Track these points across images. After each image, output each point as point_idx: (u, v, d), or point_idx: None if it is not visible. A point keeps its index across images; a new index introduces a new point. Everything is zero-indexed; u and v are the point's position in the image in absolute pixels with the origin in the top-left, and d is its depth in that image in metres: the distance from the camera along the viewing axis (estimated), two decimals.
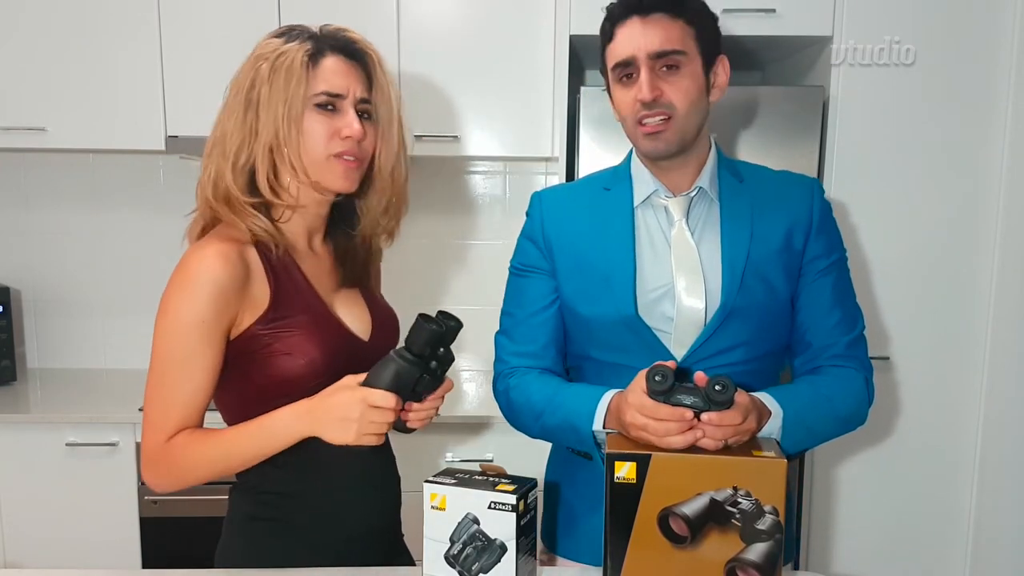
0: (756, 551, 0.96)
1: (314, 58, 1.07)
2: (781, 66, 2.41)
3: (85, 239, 2.57)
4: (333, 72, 1.08)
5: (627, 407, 1.03)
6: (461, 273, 2.57)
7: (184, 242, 1.16)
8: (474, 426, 2.11)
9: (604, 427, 1.11)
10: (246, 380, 1.08)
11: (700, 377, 1.01)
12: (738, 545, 0.96)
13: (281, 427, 1.03)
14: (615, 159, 1.34)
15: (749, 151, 2.02)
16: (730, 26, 2.02)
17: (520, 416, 1.26)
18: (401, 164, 1.16)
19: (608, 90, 1.25)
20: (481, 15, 2.19)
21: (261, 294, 1.07)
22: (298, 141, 1.06)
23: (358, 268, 1.21)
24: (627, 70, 1.17)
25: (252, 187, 1.08)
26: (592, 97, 2.02)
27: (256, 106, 1.06)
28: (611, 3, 1.20)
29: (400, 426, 1.09)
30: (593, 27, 2.15)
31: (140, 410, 2.06)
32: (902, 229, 2.06)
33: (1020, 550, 2.12)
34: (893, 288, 2.08)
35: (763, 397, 1.10)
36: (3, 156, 2.51)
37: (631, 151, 1.29)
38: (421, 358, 1.04)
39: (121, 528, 2.11)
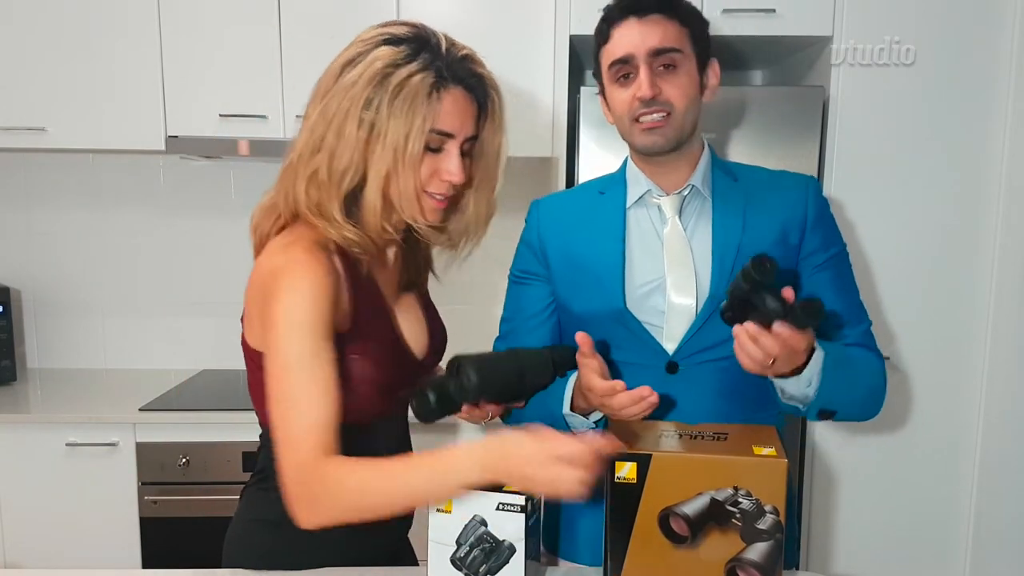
0: (757, 551, 0.96)
1: (438, 89, 0.98)
2: (781, 66, 2.41)
3: (85, 239, 2.57)
4: (452, 108, 1.00)
5: (596, 403, 1.08)
6: (459, 273, 2.56)
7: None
8: (475, 427, 2.11)
9: (572, 409, 1.15)
10: None
11: (788, 294, 0.99)
12: (738, 545, 0.96)
13: (466, 471, 0.91)
14: (615, 159, 1.35)
15: (749, 151, 2.02)
16: (730, 26, 2.02)
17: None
18: (491, 204, 1.13)
19: (602, 92, 1.26)
20: (481, 15, 2.19)
21: (344, 303, 1.03)
22: (413, 180, 1.00)
23: (421, 273, 1.21)
24: (625, 68, 1.18)
25: (350, 206, 1.03)
26: (592, 97, 2.02)
27: (370, 129, 0.98)
28: (607, 5, 1.22)
29: (425, 411, 1.08)
30: (593, 27, 2.15)
31: (140, 410, 2.09)
32: (902, 229, 2.06)
33: (1020, 550, 2.12)
34: (893, 288, 2.08)
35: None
36: (3, 156, 2.51)
37: (627, 158, 1.31)
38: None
39: (121, 528, 2.11)
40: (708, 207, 1.23)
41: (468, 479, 0.91)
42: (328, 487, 0.93)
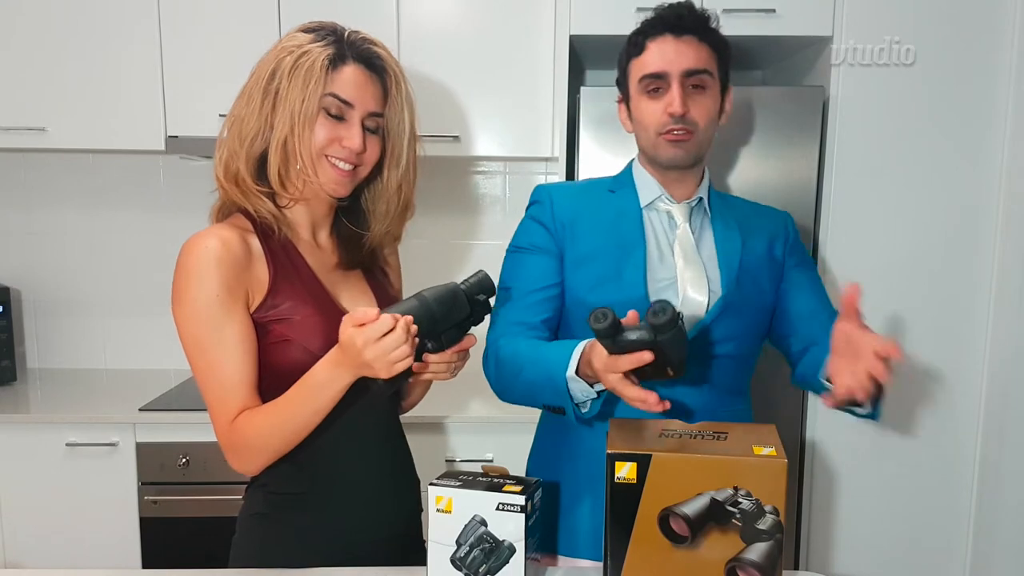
0: (757, 551, 0.96)
1: (335, 63, 1.09)
2: (781, 66, 2.41)
3: (85, 239, 2.57)
4: (349, 81, 1.09)
5: (596, 367, 1.04)
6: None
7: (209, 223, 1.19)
8: (474, 427, 2.11)
9: (577, 373, 1.12)
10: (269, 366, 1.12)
11: (633, 315, 1.00)
12: (738, 545, 0.96)
13: (325, 378, 1.03)
14: (615, 159, 1.36)
15: (749, 151, 2.02)
16: (730, 26, 2.01)
17: (504, 371, 1.25)
18: (409, 179, 1.20)
19: (625, 100, 1.32)
20: (481, 15, 2.19)
21: (262, 277, 1.10)
22: (309, 140, 1.08)
23: (362, 253, 1.23)
24: (656, 83, 1.24)
25: (261, 173, 1.12)
26: (592, 97, 2.02)
27: (274, 98, 1.08)
28: (646, 19, 1.27)
29: (397, 383, 1.06)
30: (593, 27, 2.15)
31: (140, 410, 2.09)
32: (902, 229, 2.06)
33: (1020, 550, 2.12)
34: (893, 288, 2.08)
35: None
36: (3, 156, 2.51)
37: (631, 161, 1.37)
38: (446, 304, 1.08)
39: (121, 528, 2.11)
40: (708, 221, 1.32)
41: (333, 382, 1.02)
42: (242, 439, 1.07)
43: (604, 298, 1.24)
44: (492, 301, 1.17)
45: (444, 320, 1.08)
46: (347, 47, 1.10)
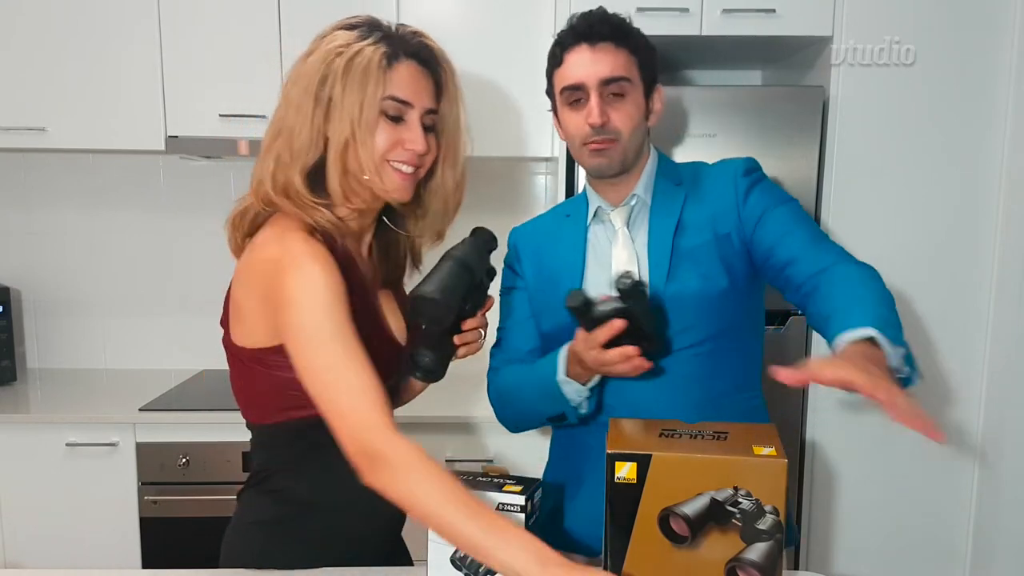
0: (757, 551, 0.96)
1: (390, 60, 1.02)
2: (781, 66, 2.41)
3: (85, 239, 2.57)
4: (406, 79, 1.03)
5: (579, 350, 1.13)
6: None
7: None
8: (474, 427, 2.11)
9: (568, 375, 1.19)
10: (282, 376, 1.04)
11: (605, 296, 1.10)
12: (739, 545, 0.96)
13: (512, 556, 0.83)
14: None
15: (749, 151, 2.01)
16: (730, 26, 2.02)
17: (503, 400, 1.35)
18: (464, 175, 1.15)
19: (554, 111, 1.34)
20: (481, 15, 2.19)
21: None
22: (372, 147, 1.02)
23: (397, 269, 1.21)
24: (576, 94, 1.25)
25: (314, 184, 1.05)
26: None
27: (327, 105, 1.02)
28: (561, 30, 1.29)
29: (435, 366, 1.12)
30: None
31: (140, 410, 2.09)
32: (902, 229, 2.06)
33: (1020, 550, 2.12)
34: (892, 288, 2.06)
35: (846, 337, 1.03)
36: (3, 156, 2.51)
37: (587, 178, 1.37)
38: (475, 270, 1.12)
39: (121, 528, 2.11)
40: (648, 215, 1.30)
41: (515, 561, 0.83)
42: (396, 466, 0.90)
43: (547, 324, 1.32)
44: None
45: (476, 281, 1.13)
46: (399, 43, 1.04)
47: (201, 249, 2.52)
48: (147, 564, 2.12)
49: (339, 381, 0.94)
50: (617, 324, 1.07)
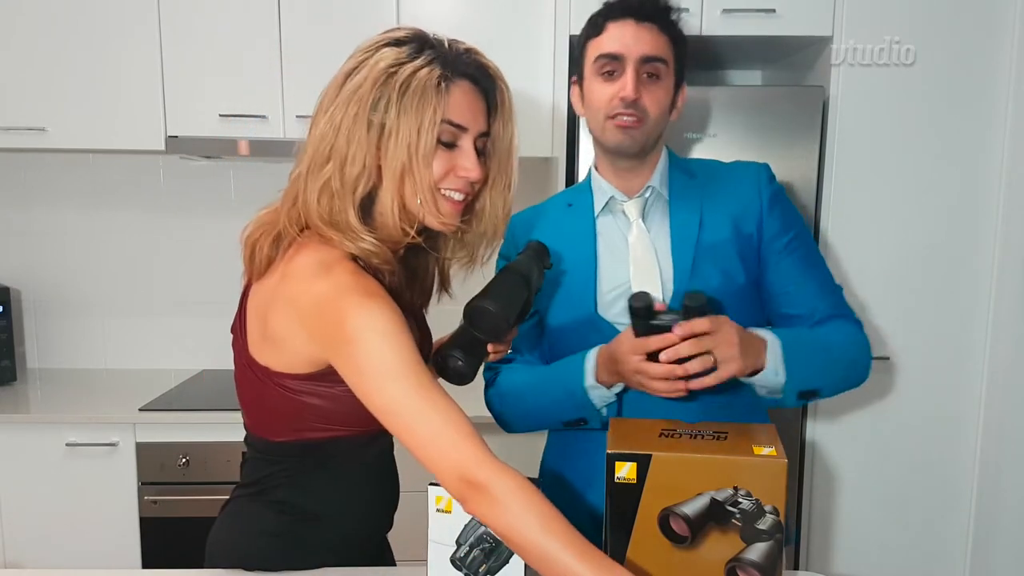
0: (757, 551, 0.96)
1: (446, 82, 0.96)
2: (781, 66, 2.41)
3: (85, 239, 2.57)
4: (462, 103, 0.97)
5: (621, 352, 1.10)
6: (458, 273, 2.56)
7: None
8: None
9: (597, 381, 1.17)
10: (304, 402, 1.02)
11: (659, 308, 1.08)
12: (738, 545, 0.96)
13: None
14: None
15: (749, 151, 2.02)
16: (730, 26, 2.02)
17: (507, 402, 1.30)
18: (511, 199, 1.09)
19: (578, 82, 1.29)
20: (481, 15, 2.19)
21: None
22: (428, 176, 0.96)
23: (424, 294, 1.17)
24: (611, 65, 1.21)
25: (365, 214, 1.00)
26: None
27: (379, 131, 0.95)
28: (608, 1, 1.24)
29: (467, 370, 1.10)
30: None
31: (140, 410, 2.09)
32: (902, 228, 2.06)
33: (1020, 550, 2.12)
34: (893, 288, 2.08)
35: (752, 329, 1.14)
36: (3, 156, 2.51)
37: (591, 168, 1.34)
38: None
39: (121, 528, 2.11)
40: (666, 207, 1.27)
41: None
42: (500, 499, 0.87)
43: (560, 321, 1.28)
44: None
45: (531, 297, 1.13)
46: (452, 62, 0.98)
47: (201, 249, 2.52)
48: (147, 564, 2.12)
49: (429, 421, 0.90)
50: (671, 338, 1.04)
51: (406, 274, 1.12)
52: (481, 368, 1.16)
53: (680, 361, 1.05)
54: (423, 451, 0.90)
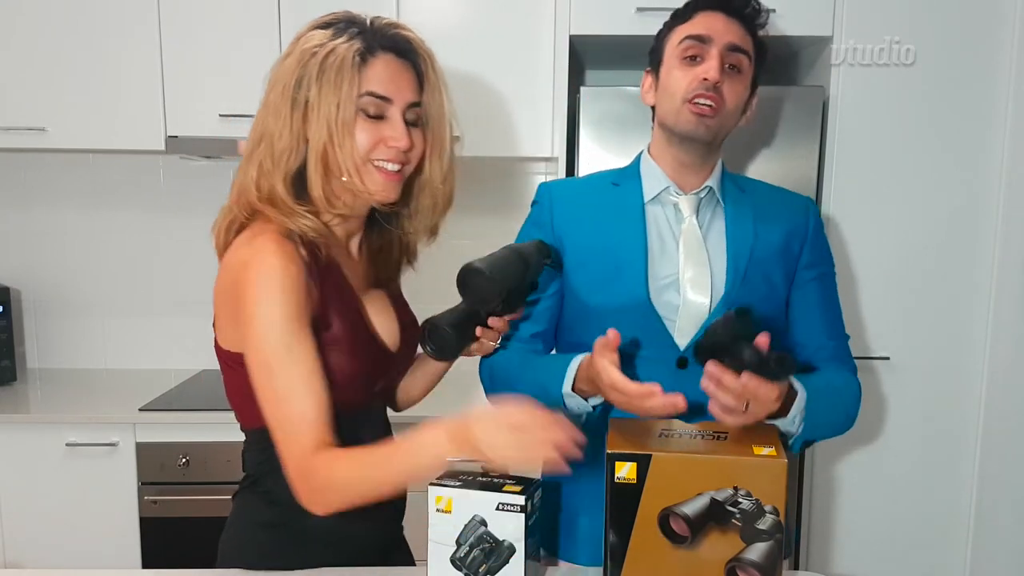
0: (756, 551, 0.96)
1: (364, 57, 1.00)
2: (781, 66, 2.41)
3: (85, 239, 2.57)
4: (384, 74, 1.01)
5: (601, 378, 1.04)
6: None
7: (209, 238, 1.11)
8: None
9: (573, 389, 1.14)
10: None
11: (763, 341, 1.00)
12: (738, 545, 0.96)
13: (436, 445, 0.95)
14: (615, 159, 1.35)
15: (749, 151, 2.02)
16: None
17: (497, 383, 1.28)
18: (453, 168, 1.12)
19: (654, 70, 1.28)
20: (481, 15, 2.19)
21: (314, 294, 1.03)
22: (352, 148, 1.00)
23: (390, 268, 1.20)
24: (697, 48, 1.20)
25: (299, 189, 1.03)
26: (592, 97, 2.02)
27: (304, 108, 1.00)
28: None
29: (450, 341, 1.11)
30: (593, 27, 2.14)
31: (140, 410, 2.09)
32: (902, 229, 2.06)
33: (1020, 550, 2.12)
34: (893, 288, 2.08)
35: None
36: (3, 156, 2.51)
37: (639, 154, 1.33)
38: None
39: (121, 528, 2.11)
40: (720, 211, 1.28)
41: (439, 452, 0.94)
42: (323, 480, 0.96)
43: (604, 301, 1.24)
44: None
45: (525, 280, 1.12)
46: (374, 36, 1.02)
47: (201, 249, 2.49)
48: (147, 564, 2.12)
49: (283, 409, 0.97)
50: (680, 404, 0.97)
51: (372, 250, 1.16)
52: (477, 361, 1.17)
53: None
54: (278, 444, 0.99)
